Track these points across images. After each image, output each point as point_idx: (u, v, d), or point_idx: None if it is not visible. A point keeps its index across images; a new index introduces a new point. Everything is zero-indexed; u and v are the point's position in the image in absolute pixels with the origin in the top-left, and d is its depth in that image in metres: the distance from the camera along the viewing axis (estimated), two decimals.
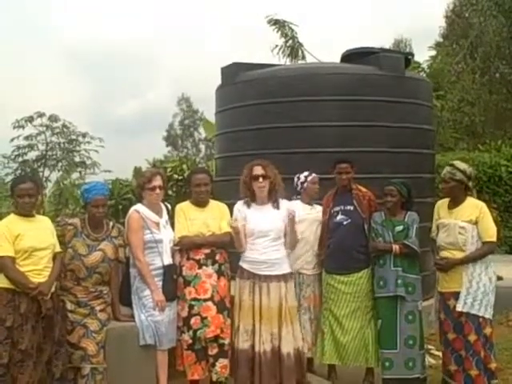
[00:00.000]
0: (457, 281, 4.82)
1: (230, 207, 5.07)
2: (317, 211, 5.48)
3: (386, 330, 5.06)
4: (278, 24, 17.84)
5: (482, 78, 22.51)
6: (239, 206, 5.01)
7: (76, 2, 68.95)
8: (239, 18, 60.04)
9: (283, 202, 5.01)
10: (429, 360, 5.59)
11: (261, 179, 4.86)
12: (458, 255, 4.82)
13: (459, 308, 4.76)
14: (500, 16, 20.54)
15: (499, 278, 7.20)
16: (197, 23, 66.43)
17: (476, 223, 4.83)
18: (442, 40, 25.85)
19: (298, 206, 5.37)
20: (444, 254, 4.90)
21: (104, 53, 62.56)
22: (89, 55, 62.23)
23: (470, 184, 5.01)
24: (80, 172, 15.48)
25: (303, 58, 17.99)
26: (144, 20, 66.48)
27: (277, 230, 4.88)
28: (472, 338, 4.76)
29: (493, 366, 4.86)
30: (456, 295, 4.81)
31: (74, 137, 15.15)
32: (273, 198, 4.96)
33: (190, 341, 4.80)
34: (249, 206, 4.97)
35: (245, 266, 4.93)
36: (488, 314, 4.82)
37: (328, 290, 5.31)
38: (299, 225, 5.29)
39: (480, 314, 4.78)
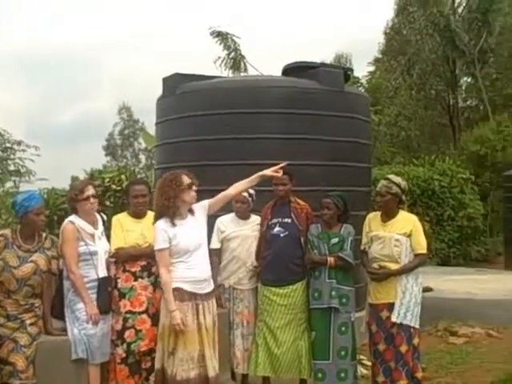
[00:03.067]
0: (389, 292, 4.95)
1: None
2: (251, 226, 5.48)
3: (319, 342, 5.12)
4: (221, 36, 17.96)
5: (418, 94, 23.24)
6: (163, 225, 4.50)
7: (15, 2, 67.08)
8: (186, 28, 59.90)
9: (194, 206, 4.69)
10: (361, 370, 5.69)
11: (194, 187, 4.61)
12: (393, 267, 4.96)
13: (394, 319, 4.88)
14: (436, 35, 21.21)
15: (429, 290, 7.44)
16: (143, 31, 65.74)
17: (409, 236, 5.00)
18: (380, 56, 26.48)
19: (231, 221, 5.46)
20: (379, 264, 5.02)
21: (44, 57, 61.18)
22: (28, 59, 60.64)
23: (403, 197, 5.18)
24: (14, 181, 15.09)
25: (245, 70, 18.15)
26: (88, 25, 65.35)
27: (205, 240, 4.68)
28: (403, 348, 4.88)
29: (419, 375, 5.00)
30: (389, 306, 4.93)
31: (8, 145, 14.77)
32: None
33: (124, 354, 4.73)
34: (173, 222, 4.51)
35: (185, 286, 4.47)
36: (417, 325, 4.99)
37: (263, 302, 5.32)
38: (231, 242, 5.35)
39: (411, 325, 4.93)
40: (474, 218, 14.71)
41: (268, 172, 4.87)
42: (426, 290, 7.14)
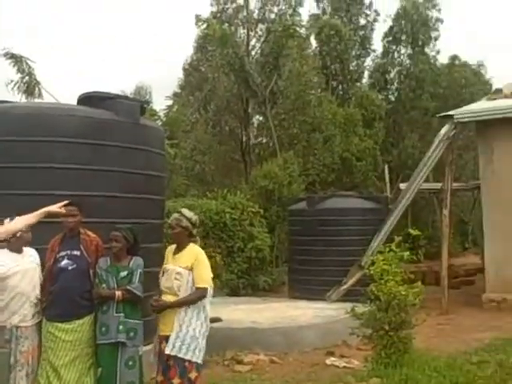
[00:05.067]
0: (168, 324, 5.05)
1: None
2: (27, 258, 5.28)
3: (105, 378, 5.03)
4: (15, 59, 17.13)
5: (213, 130, 24.17)
6: None
7: None
8: None
9: None
10: None
11: None
12: (171, 299, 5.07)
13: (167, 351, 4.96)
14: (231, 74, 22.33)
15: (218, 320, 7.70)
16: None
17: (192, 269, 5.12)
18: (179, 91, 27.07)
19: (6, 257, 5.15)
20: (155, 298, 5.14)
21: None
22: None
23: (195, 231, 5.36)
24: None
25: (40, 96, 17.45)
26: None
27: None
28: (176, 381, 4.94)
29: None
30: (167, 338, 5.01)
31: None
32: None
33: None
34: None
35: None
36: (196, 358, 5.01)
37: (48, 339, 5.10)
38: (10, 279, 5.07)
39: (186, 358, 4.96)
40: (261, 250, 15.58)
41: (53, 208, 4.80)
42: (215, 320, 7.39)
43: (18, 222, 4.64)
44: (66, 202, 4.94)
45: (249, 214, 15.56)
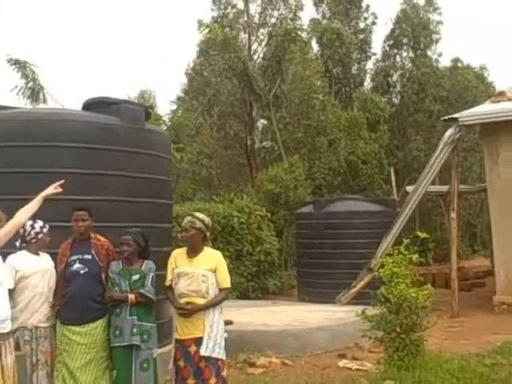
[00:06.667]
0: (197, 327, 5.06)
1: None
2: (45, 260, 5.27)
3: (120, 380, 5.04)
4: (19, 64, 17.22)
5: (218, 134, 24.09)
6: None
7: None
8: None
9: None
10: None
11: None
12: (201, 302, 5.08)
13: (203, 353, 4.99)
14: (234, 78, 22.29)
15: (230, 323, 7.66)
16: None
17: (215, 271, 5.18)
18: (183, 95, 27.05)
19: (26, 258, 5.14)
20: (186, 300, 5.11)
21: None
22: None
23: (208, 234, 5.36)
24: None
25: (44, 101, 17.50)
26: None
27: (6, 278, 4.51)
28: (212, 381, 5.01)
29: None
30: (197, 341, 5.03)
31: None
32: None
33: None
34: None
35: None
36: (225, 357, 5.17)
37: (62, 342, 5.10)
38: (31, 278, 5.06)
39: (220, 357, 5.09)
40: (270, 253, 15.54)
41: (49, 190, 4.89)
42: (227, 323, 7.34)
43: (20, 215, 4.68)
44: (61, 181, 5.03)
45: (256, 218, 15.51)
